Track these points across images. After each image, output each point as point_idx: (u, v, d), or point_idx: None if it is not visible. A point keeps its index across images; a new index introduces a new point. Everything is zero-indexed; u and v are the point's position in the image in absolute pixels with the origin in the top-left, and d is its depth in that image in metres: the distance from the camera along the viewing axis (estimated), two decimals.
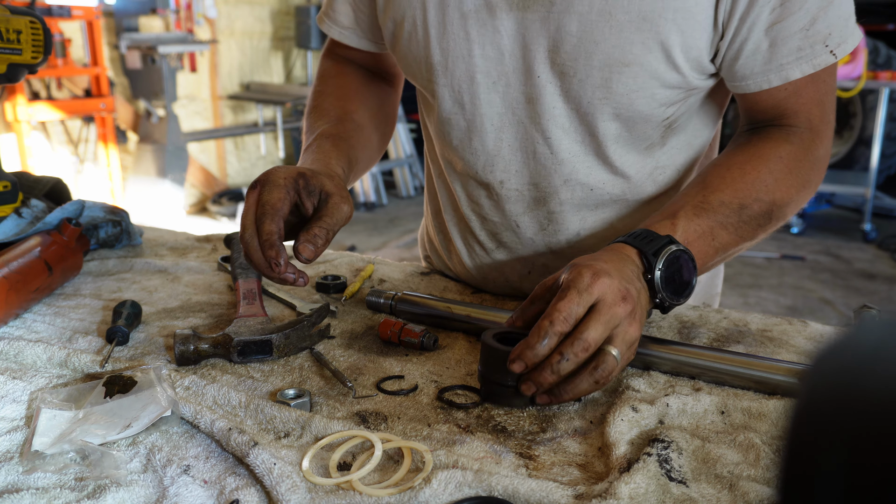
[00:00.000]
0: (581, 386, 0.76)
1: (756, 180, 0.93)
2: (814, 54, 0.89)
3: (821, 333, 1.00)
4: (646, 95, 0.93)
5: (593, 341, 0.75)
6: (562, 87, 0.95)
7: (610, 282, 0.78)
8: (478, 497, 0.63)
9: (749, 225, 0.94)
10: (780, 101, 0.96)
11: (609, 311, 0.76)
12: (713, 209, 0.91)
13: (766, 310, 4.30)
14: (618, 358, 0.77)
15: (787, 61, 0.90)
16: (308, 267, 1.25)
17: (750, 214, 0.93)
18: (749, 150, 0.97)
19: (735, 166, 0.95)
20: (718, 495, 0.64)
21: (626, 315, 0.78)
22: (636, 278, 0.82)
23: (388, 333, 0.94)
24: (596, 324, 0.76)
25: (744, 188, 0.93)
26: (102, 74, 5.25)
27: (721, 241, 0.92)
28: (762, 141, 0.97)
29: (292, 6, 7.31)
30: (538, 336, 0.75)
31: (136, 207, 5.78)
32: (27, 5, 2.00)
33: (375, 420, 0.76)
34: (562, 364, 0.75)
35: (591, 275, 0.78)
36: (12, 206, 1.21)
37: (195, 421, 0.74)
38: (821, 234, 6.15)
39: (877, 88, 5.71)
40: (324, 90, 1.18)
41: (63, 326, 0.98)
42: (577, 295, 0.76)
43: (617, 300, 0.77)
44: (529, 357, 0.75)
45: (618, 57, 0.90)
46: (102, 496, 0.63)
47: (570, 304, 0.76)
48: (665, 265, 0.84)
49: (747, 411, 0.77)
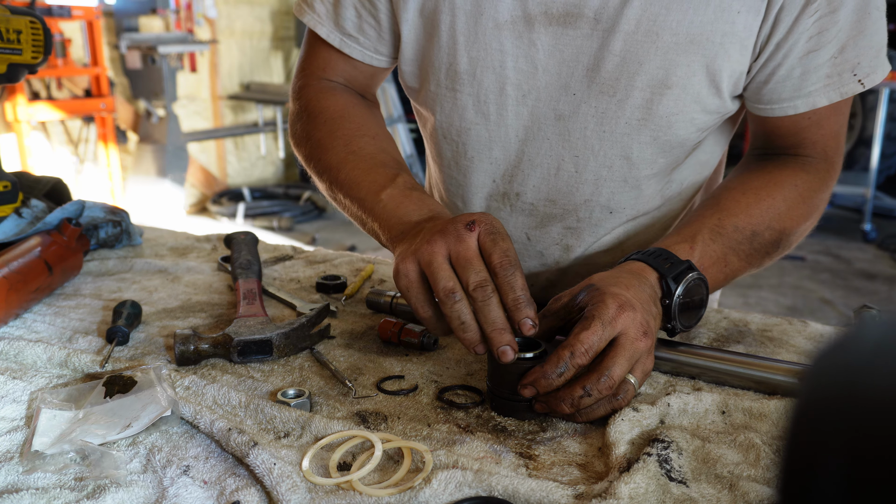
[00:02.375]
0: (598, 411, 0.75)
1: (770, 207, 0.92)
2: (842, 82, 0.89)
3: (821, 333, 1.00)
4: (685, 119, 0.92)
5: (618, 378, 0.73)
6: (598, 106, 0.92)
7: (633, 316, 0.75)
8: (478, 497, 0.63)
9: (759, 253, 0.93)
10: (802, 128, 0.95)
11: (632, 347, 0.74)
12: (728, 234, 0.90)
13: (766, 310, 4.30)
14: (636, 386, 0.76)
15: (815, 88, 0.89)
16: (308, 267, 1.25)
17: (761, 242, 0.92)
18: (765, 176, 0.95)
19: (751, 191, 0.93)
20: (718, 495, 0.64)
21: (647, 350, 0.76)
22: (653, 304, 0.81)
23: (388, 333, 0.94)
24: (621, 360, 0.74)
25: (758, 214, 0.91)
26: (102, 74, 5.24)
27: (732, 267, 0.91)
28: (779, 168, 0.96)
29: (292, 6, 7.31)
30: (555, 365, 0.73)
31: (136, 207, 5.79)
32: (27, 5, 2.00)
33: (375, 420, 0.76)
34: (583, 399, 0.73)
35: (616, 307, 0.75)
36: (12, 206, 1.21)
37: (195, 421, 0.74)
38: (821, 234, 6.14)
39: (877, 88, 5.71)
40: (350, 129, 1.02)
41: (63, 326, 0.98)
42: (601, 328, 0.74)
43: (639, 335, 0.75)
44: (543, 385, 0.73)
45: (661, 78, 0.88)
46: (102, 496, 0.63)
47: (592, 336, 0.73)
48: (683, 293, 0.82)
49: (748, 411, 0.77)
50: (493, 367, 0.78)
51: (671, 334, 0.86)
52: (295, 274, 1.21)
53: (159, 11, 6.04)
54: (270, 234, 5.91)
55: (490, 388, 0.79)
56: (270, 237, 4.96)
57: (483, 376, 0.86)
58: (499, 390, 0.78)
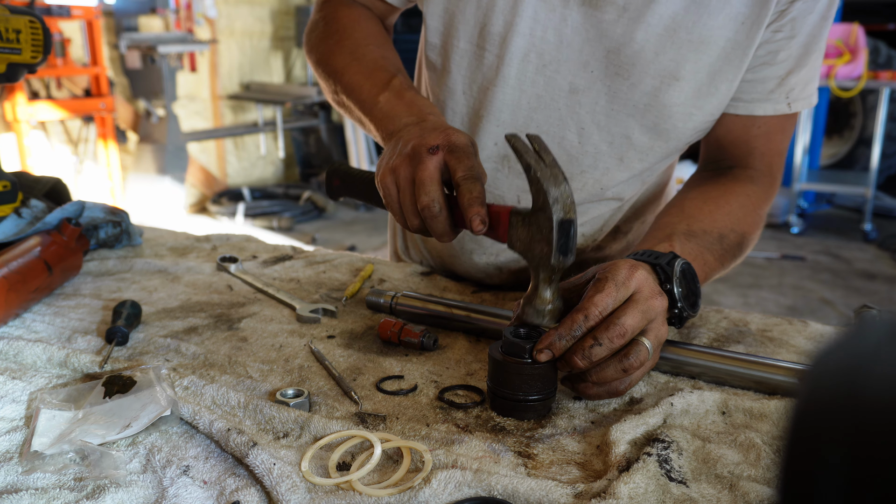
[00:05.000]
0: (607, 371, 0.76)
1: (730, 213, 0.99)
2: (777, 100, 1.00)
3: (821, 333, 1.00)
4: (684, 112, 0.99)
5: (630, 328, 0.74)
6: (611, 86, 0.99)
7: (647, 276, 0.78)
8: (477, 497, 0.63)
9: (728, 254, 0.98)
10: (752, 136, 1.03)
11: (646, 302, 0.76)
12: (699, 236, 0.95)
13: (766, 310, 4.30)
14: (650, 350, 0.76)
15: (757, 98, 1.00)
16: (308, 267, 1.25)
17: (729, 244, 0.97)
18: (721, 187, 1.04)
19: (711, 200, 1.01)
20: (718, 495, 0.64)
21: (662, 311, 0.78)
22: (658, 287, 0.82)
23: (388, 333, 0.94)
24: (634, 311, 0.75)
25: (721, 219, 0.98)
26: (102, 74, 5.24)
27: (709, 266, 0.94)
28: (730, 179, 1.05)
29: (292, 6, 7.31)
30: (570, 328, 0.74)
31: (135, 207, 5.79)
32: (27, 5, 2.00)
33: (374, 420, 0.76)
34: (594, 349, 0.74)
35: (628, 267, 0.78)
36: (12, 206, 1.21)
37: (194, 421, 0.74)
38: (821, 234, 6.15)
39: (877, 88, 5.71)
40: (358, 37, 1.10)
41: (63, 326, 0.98)
42: (615, 288, 0.76)
43: (654, 293, 0.77)
44: (558, 348, 0.75)
45: (672, 70, 0.96)
46: (101, 496, 0.62)
47: (606, 298, 0.75)
48: (679, 276, 0.84)
49: (748, 411, 0.77)
50: (493, 367, 0.78)
51: (679, 323, 0.85)
52: (295, 274, 1.21)
53: (159, 11, 6.04)
54: (270, 233, 5.91)
55: (490, 388, 0.79)
56: (270, 237, 4.96)
57: (483, 376, 0.86)
58: (499, 390, 0.78)
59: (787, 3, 0.94)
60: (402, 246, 1.36)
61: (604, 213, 1.12)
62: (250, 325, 1.00)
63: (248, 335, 0.96)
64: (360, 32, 1.12)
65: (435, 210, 0.81)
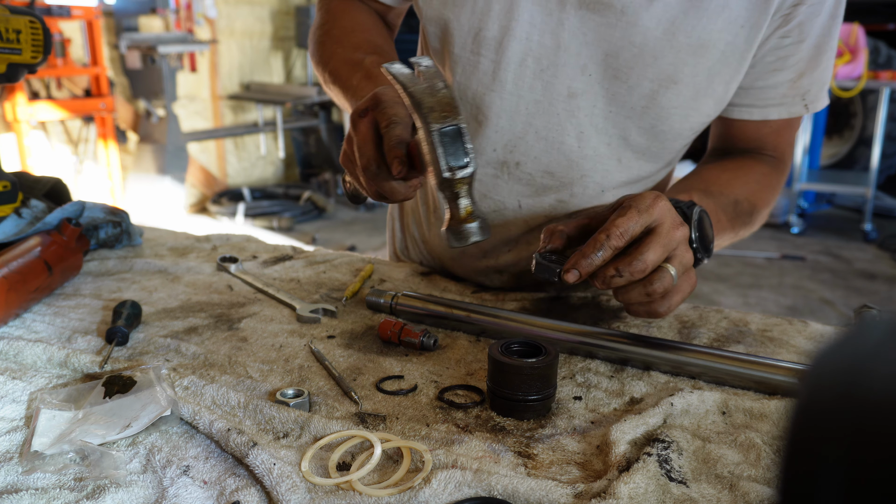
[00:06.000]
0: (631, 294, 0.79)
1: (745, 183, 1.04)
2: (793, 104, 1.03)
3: (821, 333, 1.00)
4: (681, 115, 0.99)
5: (651, 263, 0.77)
6: (609, 89, 0.99)
7: (669, 207, 0.80)
8: (477, 497, 0.63)
9: (741, 219, 1.01)
10: (763, 134, 1.08)
11: (668, 235, 0.79)
12: (715, 196, 0.98)
13: (766, 310, 4.30)
14: (675, 276, 0.79)
15: (771, 104, 1.03)
16: (308, 267, 1.25)
17: (742, 210, 1.00)
18: (735, 162, 1.08)
19: (728, 170, 1.05)
20: (719, 496, 0.64)
21: (684, 239, 0.80)
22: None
23: (388, 333, 0.94)
24: (655, 245, 0.78)
25: (738, 187, 1.03)
26: (102, 74, 5.25)
27: (722, 225, 0.97)
28: (744, 158, 1.09)
29: (292, 6, 7.31)
30: (594, 247, 0.77)
31: (135, 207, 5.79)
32: (27, 5, 2.00)
33: (374, 420, 0.76)
34: (615, 279, 0.77)
35: (653, 197, 0.80)
36: (12, 206, 1.21)
37: (194, 422, 0.73)
38: (821, 234, 6.14)
39: (877, 88, 5.71)
40: (345, 25, 1.15)
41: (63, 326, 0.98)
42: (637, 214, 0.78)
43: (676, 224, 0.80)
44: (584, 266, 0.78)
45: (670, 74, 0.96)
46: (101, 497, 0.63)
47: (629, 222, 0.78)
48: (697, 220, 0.87)
49: (749, 412, 0.77)
50: (493, 366, 0.78)
51: (695, 263, 0.87)
52: (295, 274, 1.21)
53: (159, 11, 6.04)
54: (270, 234, 5.91)
55: (490, 387, 0.79)
56: (270, 237, 4.96)
57: (483, 376, 0.86)
58: (498, 390, 0.78)
59: (791, 6, 0.94)
60: (402, 247, 1.36)
61: None
62: (250, 325, 1.00)
63: (248, 335, 0.97)
64: (348, 21, 1.15)
65: (373, 169, 0.82)
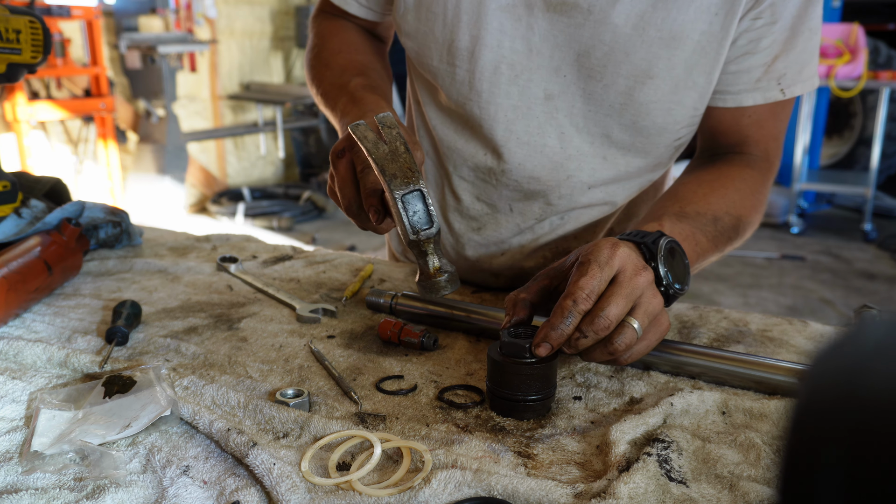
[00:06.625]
0: (594, 355, 0.77)
1: (725, 196, 0.98)
2: (767, 88, 0.99)
3: (821, 333, 1.00)
4: (662, 109, 0.98)
5: (615, 317, 0.75)
6: (585, 88, 0.98)
7: (629, 253, 0.78)
8: (477, 497, 0.63)
9: (723, 236, 0.97)
10: (743, 126, 1.03)
11: (630, 283, 0.76)
12: (691, 217, 0.94)
13: (766, 310, 4.30)
14: (638, 330, 0.76)
15: (745, 89, 0.99)
16: (308, 267, 1.25)
17: (724, 226, 0.97)
18: (715, 170, 1.03)
19: (705, 182, 1.00)
20: (718, 495, 0.64)
21: (648, 285, 0.78)
22: (643, 263, 0.83)
23: (388, 333, 0.94)
24: (617, 298, 0.75)
25: (715, 202, 0.97)
26: (102, 74, 5.24)
27: (702, 246, 0.94)
28: (726, 164, 1.04)
29: (292, 6, 7.31)
30: (561, 315, 0.75)
31: (135, 207, 5.79)
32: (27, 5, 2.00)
33: (374, 420, 0.76)
34: (580, 341, 0.75)
35: (609, 246, 0.78)
36: (12, 206, 1.21)
37: (193, 422, 0.74)
38: (821, 234, 6.14)
39: (877, 88, 5.71)
40: (333, 46, 1.16)
41: (62, 326, 0.98)
42: (599, 269, 0.76)
43: (638, 269, 0.78)
44: (555, 338, 0.76)
45: (644, 69, 0.95)
46: (101, 497, 0.62)
47: (591, 280, 0.76)
48: (665, 253, 0.83)
49: (748, 411, 0.77)
50: (493, 367, 0.78)
51: (667, 302, 0.83)
52: (295, 274, 1.21)
53: (159, 11, 6.04)
54: (270, 233, 5.91)
55: (490, 387, 0.79)
56: (270, 237, 4.96)
57: (483, 376, 0.86)
58: (498, 390, 0.78)
59: None
60: (400, 248, 1.37)
61: (596, 216, 1.12)
62: (250, 325, 1.00)
63: (248, 335, 0.97)
64: (335, 42, 1.16)
65: (354, 210, 0.86)
